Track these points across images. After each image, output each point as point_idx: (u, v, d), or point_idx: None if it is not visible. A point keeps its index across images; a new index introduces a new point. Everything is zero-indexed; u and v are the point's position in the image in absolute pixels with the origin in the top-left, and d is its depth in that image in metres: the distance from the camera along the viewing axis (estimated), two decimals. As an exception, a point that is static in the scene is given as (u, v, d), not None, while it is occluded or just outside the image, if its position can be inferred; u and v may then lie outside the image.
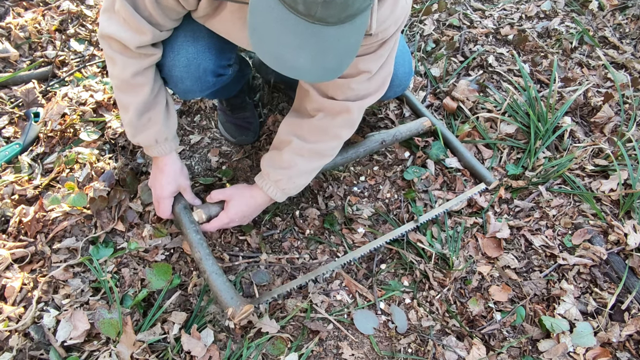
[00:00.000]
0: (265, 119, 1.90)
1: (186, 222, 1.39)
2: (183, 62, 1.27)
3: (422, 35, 2.28)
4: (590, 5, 2.51)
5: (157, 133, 1.32)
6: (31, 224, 1.50)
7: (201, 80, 1.33)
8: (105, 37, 1.16)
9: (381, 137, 1.71)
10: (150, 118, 1.29)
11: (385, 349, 1.38)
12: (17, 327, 1.30)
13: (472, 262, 1.55)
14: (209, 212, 1.43)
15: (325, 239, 1.60)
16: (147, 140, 1.33)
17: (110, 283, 1.38)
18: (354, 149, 1.67)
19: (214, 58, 1.31)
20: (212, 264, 1.32)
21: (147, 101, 1.25)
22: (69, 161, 1.66)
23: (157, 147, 1.35)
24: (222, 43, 1.33)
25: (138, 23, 1.10)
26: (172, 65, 1.27)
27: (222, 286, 1.29)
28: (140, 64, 1.19)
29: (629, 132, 1.87)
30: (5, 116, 1.85)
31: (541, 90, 2.10)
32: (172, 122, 1.35)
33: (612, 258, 1.57)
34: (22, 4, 2.32)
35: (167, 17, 1.14)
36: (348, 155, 1.66)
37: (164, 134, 1.33)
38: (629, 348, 1.39)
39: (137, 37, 1.13)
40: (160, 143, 1.34)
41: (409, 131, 1.79)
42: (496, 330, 1.42)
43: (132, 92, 1.24)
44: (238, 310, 1.26)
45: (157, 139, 1.33)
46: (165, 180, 1.40)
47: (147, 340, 1.28)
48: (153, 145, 1.34)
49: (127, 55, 1.17)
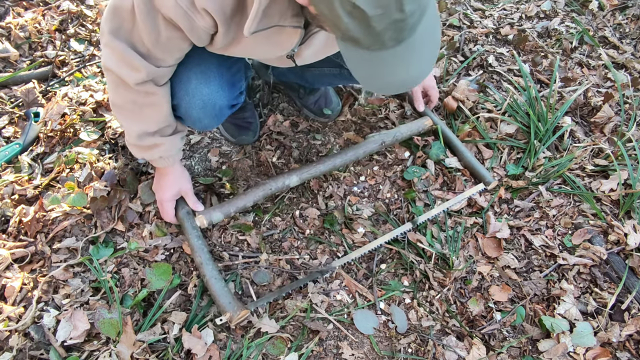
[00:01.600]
0: (265, 119, 1.90)
1: (188, 227, 1.43)
2: (199, 104, 1.31)
3: (422, 35, 2.28)
4: (590, 5, 2.51)
5: (162, 152, 1.34)
6: (31, 224, 1.50)
7: (218, 117, 1.40)
8: (106, 69, 1.17)
9: (381, 138, 1.71)
10: (155, 142, 1.30)
11: (385, 349, 1.38)
12: (17, 327, 1.30)
13: (472, 262, 1.55)
14: (210, 217, 1.46)
15: (325, 239, 1.60)
16: (151, 157, 1.36)
17: (110, 283, 1.38)
18: (354, 150, 1.66)
19: (227, 94, 1.36)
20: (211, 269, 1.36)
21: (149, 131, 1.28)
22: (69, 161, 1.66)
23: (161, 161, 1.37)
24: (233, 74, 1.39)
25: (132, 59, 1.10)
26: (189, 108, 1.32)
27: (221, 291, 1.32)
28: (140, 99, 1.20)
29: (629, 132, 1.87)
30: (5, 116, 1.85)
31: (541, 90, 2.10)
32: (177, 141, 1.36)
33: (612, 258, 1.57)
34: (22, 4, 2.32)
35: (168, 53, 1.14)
36: (347, 157, 1.65)
37: (169, 152, 1.35)
38: (629, 348, 1.39)
39: (133, 74, 1.13)
40: (165, 158, 1.36)
41: (410, 131, 1.77)
42: (496, 330, 1.42)
43: (133, 118, 1.26)
44: (235, 315, 1.29)
45: (161, 156, 1.35)
46: (166, 184, 1.44)
47: (147, 340, 1.28)
48: (157, 160, 1.36)
49: (127, 89, 1.17)
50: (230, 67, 1.39)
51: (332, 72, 1.63)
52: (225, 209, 1.49)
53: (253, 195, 1.52)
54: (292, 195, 1.70)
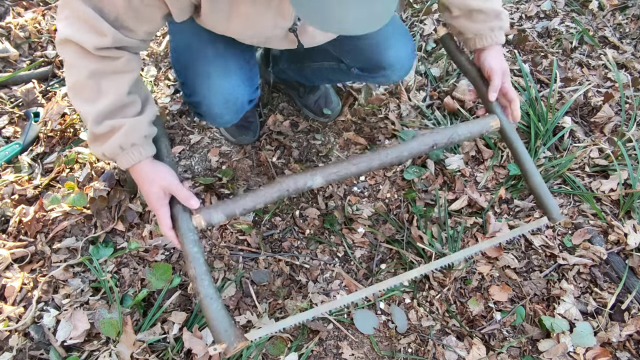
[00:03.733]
0: (265, 119, 1.90)
1: (183, 228, 1.12)
2: (221, 99, 1.30)
3: (422, 35, 2.28)
4: (590, 5, 2.51)
5: (121, 138, 1.06)
6: (31, 224, 1.50)
7: (238, 112, 1.38)
8: (63, 41, 1.02)
9: (433, 140, 1.27)
10: (113, 125, 1.05)
11: (385, 348, 1.38)
12: (17, 327, 1.30)
13: (472, 262, 1.55)
14: (210, 217, 1.15)
15: (325, 239, 1.60)
16: (111, 151, 1.08)
17: (110, 283, 1.38)
18: (396, 151, 1.26)
19: (247, 89, 1.35)
20: (207, 285, 1.09)
21: (107, 110, 1.05)
22: (69, 161, 1.66)
23: (125, 156, 1.08)
24: (251, 68, 1.37)
25: (98, 24, 0.99)
26: (211, 104, 1.30)
27: (216, 314, 1.06)
28: (101, 66, 1.04)
29: (629, 132, 1.87)
30: (5, 116, 1.85)
31: (541, 90, 2.10)
32: (142, 125, 1.09)
33: (612, 258, 1.57)
34: (22, 3, 2.32)
35: (139, 22, 1.04)
36: (388, 159, 1.26)
37: (130, 138, 1.06)
38: (629, 348, 1.39)
39: (96, 38, 1.00)
40: (127, 151, 1.08)
41: (470, 133, 1.32)
42: (496, 330, 1.42)
43: (90, 97, 1.05)
44: (232, 347, 1.05)
45: (121, 146, 1.07)
46: (144, 186, 1.13)
47: (147, 340, 1.28)
48: (118, 153, 1.08)
49: (87, 58, 1.03)
50: (249, 60, 1.38)
51: (331, 67, 1.62)
52: (229, 208, 1.16)
53: (265, 196, 1.19)
54: (292, 195, 1.70)
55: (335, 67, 1.60)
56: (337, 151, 1.84)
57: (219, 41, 1.30)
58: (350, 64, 1.52)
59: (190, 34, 1.33)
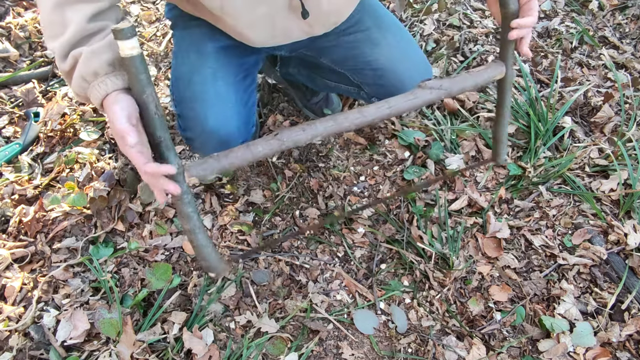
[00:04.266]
0: (265, 119, 1.90)
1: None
2: (214, 143, 1.28)
3: (423, 35, 2.28)
4: (590, 5, 2.51)
5: (81, 67, 0.90)
6: (31, 224, 1.50)
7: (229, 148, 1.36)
8: None
9: (440, 84, 1.12)
10: (74, 56, 0.91)
11: (385, 348, 1.38)
12: (17, 327, 1.30)
13: (472, 262, 1.55)
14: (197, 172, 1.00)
15: (325, 239, 1.60)
16: (78, 87, 0.92)
17: (110, 283, 1.38)
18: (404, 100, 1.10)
19: (243, 133, 1.32)
20: (201, 237, 1.02)
21: (71, 41, 0.91)
22: (69, 161, 1.66)
23: (92, 90, 0.90)
24: (249, 109, 1.35)
25: None
26: (205, 145, 1.29)
27: (209, 256, 1.03)
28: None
29: (629, 132, 1.87)
30: (5, 116, 1.85)
31: (541, 90, 2.10)
32: (101, 50, 0.90)
33: (612, 258, 1.57)
34: (22, 3, 2.32)
35: None
36: (393, 109, 1.09)
37: (91, 67, 0.89)
38: (629, 348, 1.39)
39: None
40: (92, 83, 0.90)
41: (475, 82, 1.20)
42: (496, 330, 1.42)
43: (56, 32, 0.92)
44: (222, 274, 1.09)
45: (83, 76, 0.90)
46: (114, 114, 0.87)
47: (147, 340, 1.28)
48: (86, 88, 0.91)
49: None
50: (247, 101, 1.36)
51: (349, 90, 1.59)
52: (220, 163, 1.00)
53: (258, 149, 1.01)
54: (292, 195, 1.70)
55: (353, 91, 1.58)
56: (337, 151, 1.84)
57: (220, 77, 1.28)
58: (371, 94, 1.51)
59: (194, 66, 1.30)
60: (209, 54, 1.31)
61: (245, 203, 1.66)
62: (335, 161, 1.81)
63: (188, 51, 1.33)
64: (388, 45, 1.41)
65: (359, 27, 1.42)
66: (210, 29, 1.31)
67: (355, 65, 1.44)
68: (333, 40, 1.43)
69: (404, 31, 1.46)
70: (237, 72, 1.35)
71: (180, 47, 1.36)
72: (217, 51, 1.32)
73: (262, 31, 1.22)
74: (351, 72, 1.48)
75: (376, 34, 1.41)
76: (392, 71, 1.40)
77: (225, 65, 1.32)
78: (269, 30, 1.22)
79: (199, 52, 1.31)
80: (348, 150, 1.85)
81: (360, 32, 1.42)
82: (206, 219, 1.60)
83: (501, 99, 1.32)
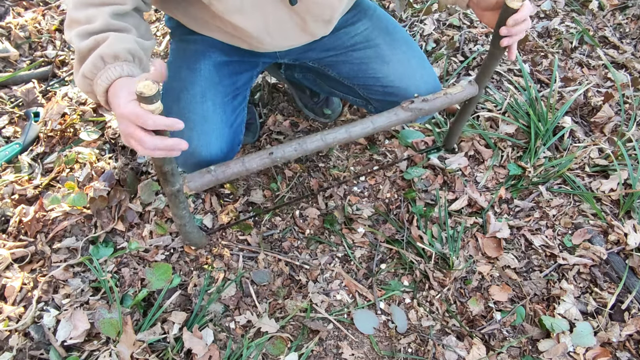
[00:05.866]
0: (265, 119, 1.90)
1: None
2: (194, 163, 1.27)
3: (423, 35, 2.28)
4: (590, 5, 2.51)
5: (104, 48, 0.89)
6: (31, 224, 1.50)
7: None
8: None
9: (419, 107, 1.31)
10: (98, 40, 0.91)
11: (385, 348, 1.38)
12: (17, 326, 1.30)
13: (472, 262, 1.55)
14: (194, 185, 1.14)
15: (325, 239, 1.60)
16: (92, 64, 0.90)
17: (110, 283, 1.38)
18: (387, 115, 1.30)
19: (224, 155, 1.30)
20: (188, 223, 1.25)
21: (94, 30, 0.92)
22: (69, 161, 1.66)
23: (105, 72, 0.89)
24: (235, 130, 1.34)
25: None
26: (185, 163, 1.29)
27: (192, 236, 1.27)
28: None
29: (629, 132, 1.87)
30: (5, 116, 1.85)
31: (541, 90, 2.10)
32: (128, 39, 0.94)
33: (612, 258, 1.57)
34: (22, 3, 2.32)
35: None
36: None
37: (114, 49, 0.90)
38: (629, 348, 1.39)
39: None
40: (108, 65, 0.89)
41: (450, 103, 1.40)
42: (496, 330, 1.42)
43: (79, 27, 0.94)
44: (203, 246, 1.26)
45: (102, 57, 0.89)
46: (118, 95, 0.87)
47: (147, 340, 1.28)
48: (101, 67, 0.89)
49: None
50: (233, 122, 1.34)
51: (356, 101, 1.58)
52: (212, 178, 1.15)
53: (251, 162, 1.17)
54: (292, 195, 1.70)
55: (361, 103, 1.57)
56: (337, 151, 1.84)
57: (209, 98, 1.27)
58: (379, 108, 1.49)
59: (184, 84, 1.29)
60: (200, 72, 1.30)
61: (245, 203, 1.66)
62: (335, 161, 1.81)
63: (180, 67, 1.32)
64: (399, 62, 1.39)
65: (369, 44, 1.41)
66: (205, 46, 1.31)
67: (365, 82, 1.44)
68: (342, 55, 1.42)
69: (414, 47, 1.45)
70: (227, 92, 1.34)
71: (174, 60, 1.36)
72: (210, 69, 1.31)
73: (253, 17, 1.16)
74: (360, 87, 1.47)
75: (387, 51, 1.40)
76: (403, 89, 1.39)
77: (216, 85, 1.31)
78: (260, 17, 1.16)
79: (190, 69, 1.30)
80: (348, 150, 1.85)
81: (370, 48, 1.41)
82: (206, 219, 1.60)
83: (466, 108, 1.57)
